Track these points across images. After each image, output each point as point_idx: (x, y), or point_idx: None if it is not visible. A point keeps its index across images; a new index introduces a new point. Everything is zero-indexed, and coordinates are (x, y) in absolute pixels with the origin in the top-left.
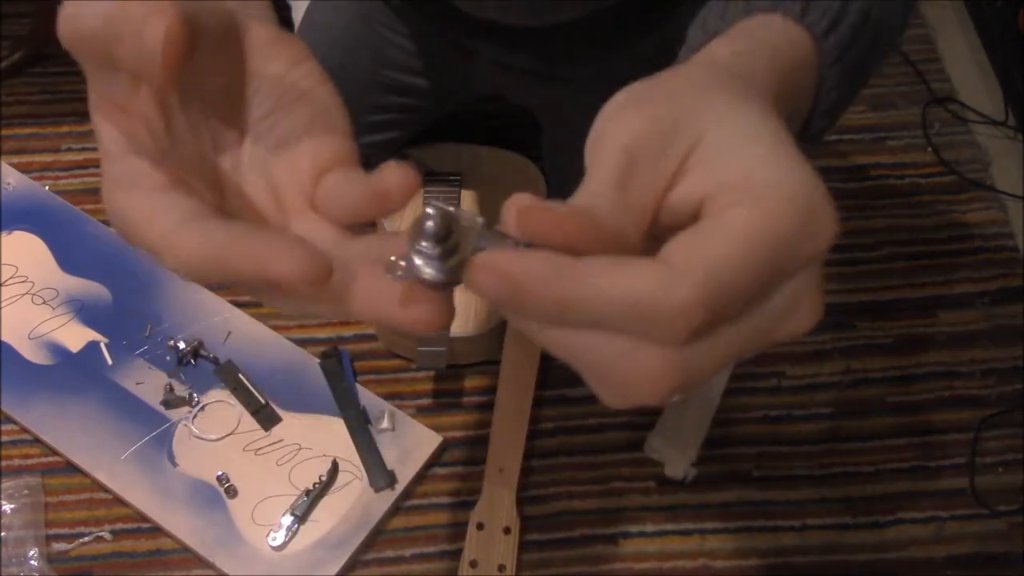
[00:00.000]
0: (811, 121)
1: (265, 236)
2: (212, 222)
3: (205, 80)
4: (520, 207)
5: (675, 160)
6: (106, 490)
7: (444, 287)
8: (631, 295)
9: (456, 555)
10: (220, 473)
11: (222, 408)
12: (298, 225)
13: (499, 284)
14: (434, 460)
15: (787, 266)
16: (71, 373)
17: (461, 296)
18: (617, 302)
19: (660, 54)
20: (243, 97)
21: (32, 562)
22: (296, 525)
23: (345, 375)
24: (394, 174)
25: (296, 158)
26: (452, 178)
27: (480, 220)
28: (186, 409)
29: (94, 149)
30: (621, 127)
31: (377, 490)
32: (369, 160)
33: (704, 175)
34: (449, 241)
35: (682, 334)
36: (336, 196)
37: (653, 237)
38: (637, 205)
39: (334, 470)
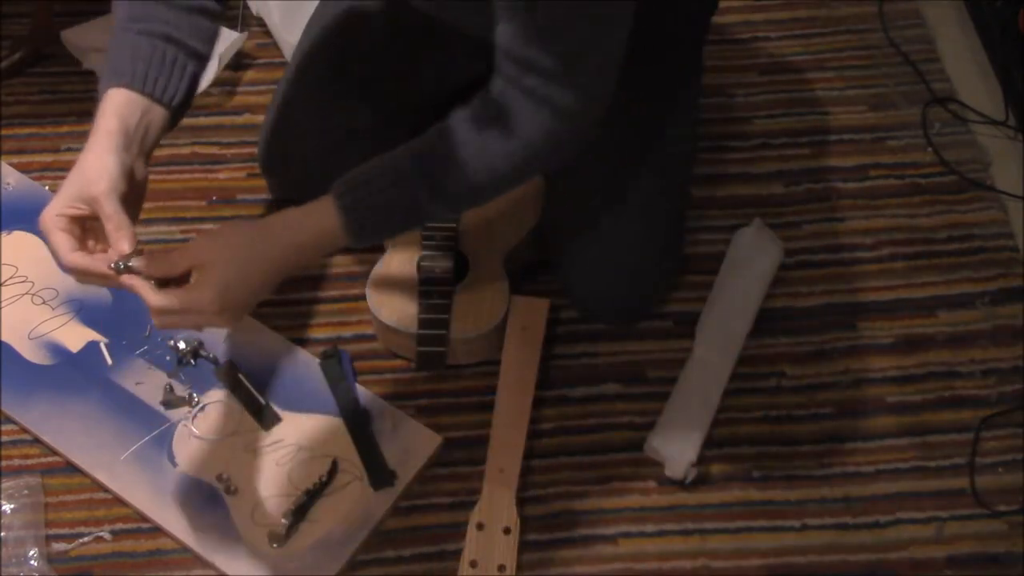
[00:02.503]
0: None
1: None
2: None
3: None
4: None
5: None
6: (106, 490)
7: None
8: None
9: (456, 555)
10: (220, 473)
11: (222, 408)
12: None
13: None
14: (434, 460)
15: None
16: (71, 373)
17: (462, 297)
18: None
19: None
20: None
21: (32, 562)
22: (296, 525)
23: (345, 375)
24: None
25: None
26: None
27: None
28: (186, 409)
29: None
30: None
31: (377, 490)
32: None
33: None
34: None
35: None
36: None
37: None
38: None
39: (334, 470)
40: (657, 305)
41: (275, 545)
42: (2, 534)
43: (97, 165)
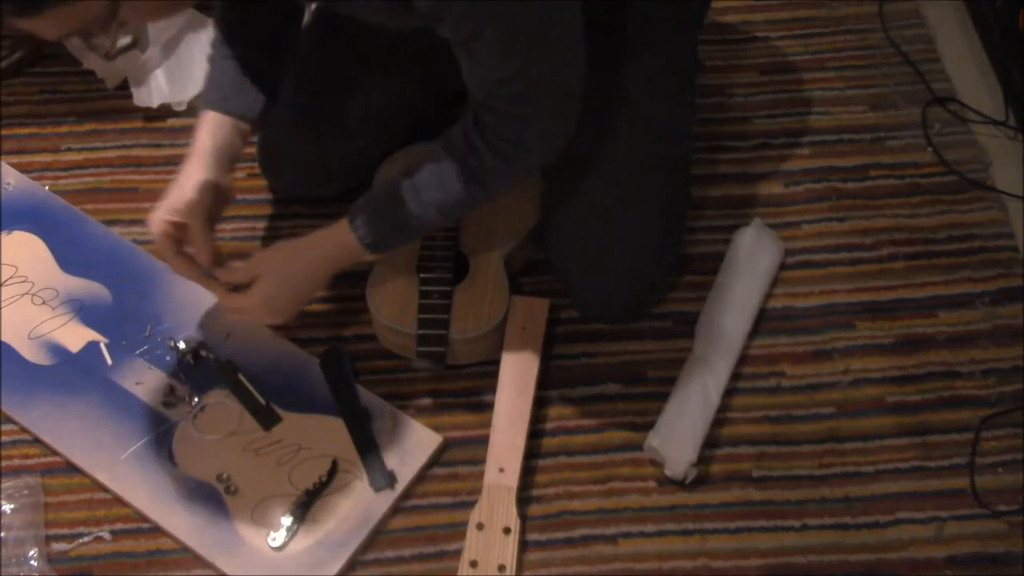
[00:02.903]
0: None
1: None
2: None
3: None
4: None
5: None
6: (106, 490)
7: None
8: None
9: (456, 555)
10: (220, 473)
11: (222, 408)
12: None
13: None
14: (434, 460)
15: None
16: (71, 373)
17: (462, 297)
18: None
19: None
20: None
21: (32, 562)
22: (296, 525)
23: (345, 375)
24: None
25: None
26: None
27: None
28: (186, 409)
29: (93, 149)
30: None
31: (377, 490)
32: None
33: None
34: None
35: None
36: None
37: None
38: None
39: (334, 470)
40: (657, 305)
41: (274, 543)
42: (2, 534)
43: (190, 185)
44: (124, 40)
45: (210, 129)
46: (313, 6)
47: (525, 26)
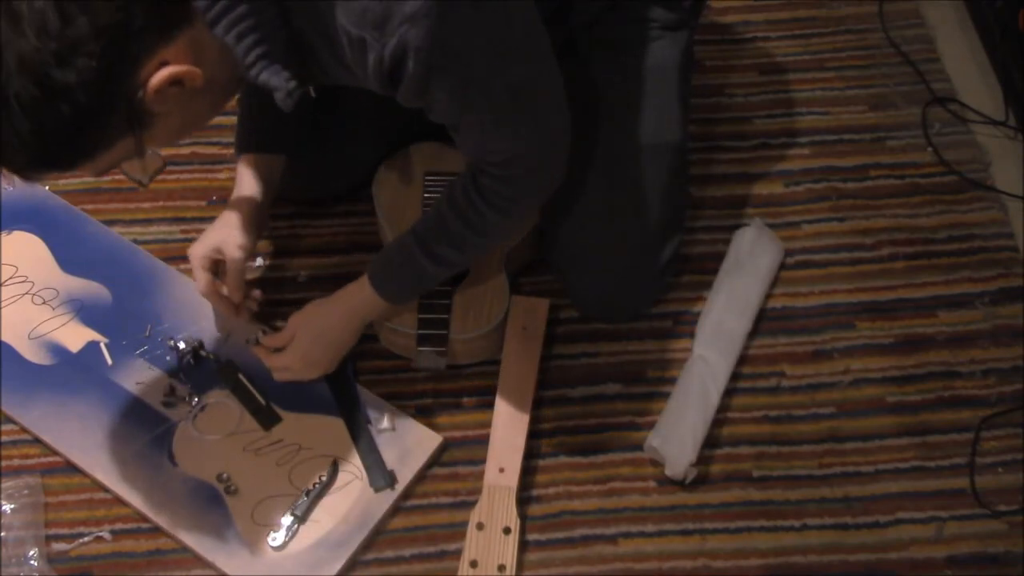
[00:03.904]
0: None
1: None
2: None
3: None
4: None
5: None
6: (106, 490)
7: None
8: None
9: (456, 555)
10: (220, 473)
11: (222, 408)
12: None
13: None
14: (434, 460)
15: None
16: (71, 373)
17: (462, 297)
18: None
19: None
20: None
21: (32, 562)
22: (296, 525)
23: (345, 375)
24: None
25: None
26: (451, 179)
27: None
28: (186, 409)
29: None
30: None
31: (377, 490)
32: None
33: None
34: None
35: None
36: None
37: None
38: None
39: (334, 470)
40: (657, 305)
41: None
42: (2, 534)
43: (236, 234)
44: (156, 165)
45: (250, 167)
46: None
47: (510, 106)
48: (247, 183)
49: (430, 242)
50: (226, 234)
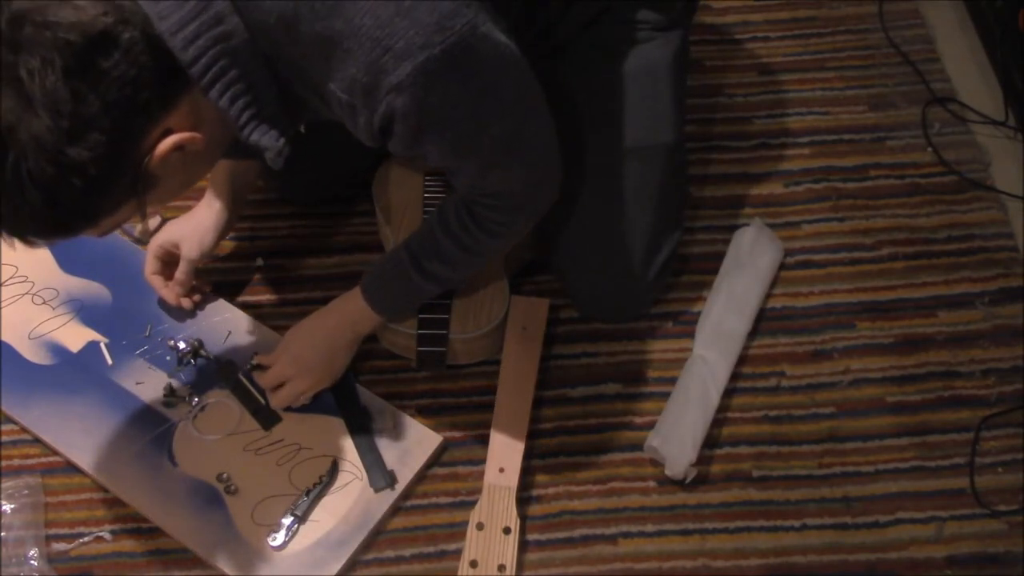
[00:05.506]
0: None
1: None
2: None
3: None
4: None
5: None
6: (106, 490)
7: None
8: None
9: (456, 555)
10: (220, 473)
11: (222, 408)
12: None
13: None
14: (434, 460)
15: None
16: (71, 373)
17: (462, 297)
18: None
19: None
20: None
21: (32, 562)
22: (296, 525)
23: (345, 375)
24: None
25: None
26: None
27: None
28: (186, 409)
29: None
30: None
31: (377, 490)
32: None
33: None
34: None
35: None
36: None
37: None
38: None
39: (334, 470)
40: (657, 305)
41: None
42: (2, 534)
43: (200, 237)
44: (155, 221)
45: (225, 169)
46: None
47: (501, 153)
48: (221, 186)
49: (423, 259)
50: (190, 234)
